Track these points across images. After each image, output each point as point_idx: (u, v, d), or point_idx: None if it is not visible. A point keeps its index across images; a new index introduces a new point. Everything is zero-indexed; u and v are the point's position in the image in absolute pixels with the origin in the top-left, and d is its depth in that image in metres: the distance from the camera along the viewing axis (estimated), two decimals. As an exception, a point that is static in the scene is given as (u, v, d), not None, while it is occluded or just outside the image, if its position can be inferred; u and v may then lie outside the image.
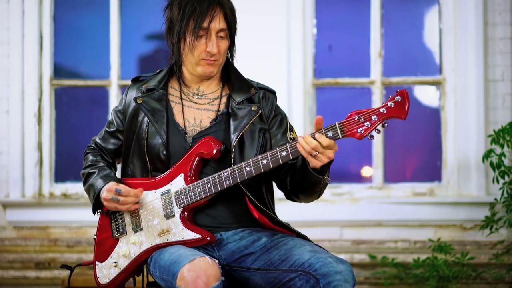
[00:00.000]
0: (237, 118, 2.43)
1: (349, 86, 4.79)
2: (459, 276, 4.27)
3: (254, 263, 2.37)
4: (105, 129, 2.64)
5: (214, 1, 2.40)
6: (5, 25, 4.70)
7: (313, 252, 2.26)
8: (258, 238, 2.42)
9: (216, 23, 2.40)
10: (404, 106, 2.20)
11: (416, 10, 4.81)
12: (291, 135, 2.49)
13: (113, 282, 2.49)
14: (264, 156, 2.29)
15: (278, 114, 2.52)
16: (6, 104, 4.70)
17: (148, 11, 4.90)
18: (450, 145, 4.61)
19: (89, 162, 2.60)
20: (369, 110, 2.22)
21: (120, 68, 4.82)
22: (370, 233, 4.60)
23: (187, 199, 2.37)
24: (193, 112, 2.49)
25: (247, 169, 2.30)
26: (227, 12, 2.41)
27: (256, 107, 2.45)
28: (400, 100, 2.20)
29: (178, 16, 2.42)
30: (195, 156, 2.39)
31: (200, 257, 2.20)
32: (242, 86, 2.50)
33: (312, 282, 2.21)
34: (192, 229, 2.37)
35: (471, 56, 4.54)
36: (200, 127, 2.46)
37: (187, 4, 2.41)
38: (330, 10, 4.80)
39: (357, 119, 2.22)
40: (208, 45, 2.40)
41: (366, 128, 2.21)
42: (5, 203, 4.70)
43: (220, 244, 2.43)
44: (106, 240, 2.51)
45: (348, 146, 4.87)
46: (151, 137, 2.46)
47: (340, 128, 2.24)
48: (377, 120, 2.21)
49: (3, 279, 4.69)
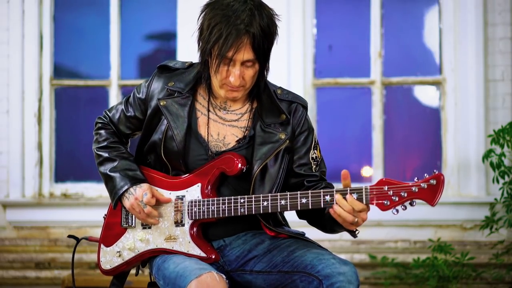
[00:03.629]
0: (262, 144, 2.34)
1: (349, 86, 4.79)
2: (459, 276, 4.27)
3: (257, 266, 2.35)
4: (123, 108, 2.51)
5: (242, 30, 2.19)
6: (5, 25, 4.70)
7: (316, 253, 2.24)
8: (261, 240, 2.39)
9: (241, 54, 2.22)
10: (437, 192, 2.09)
11: (416, 10, 4.81)
12: (314, 154, 2.42)
13: (115, 270, 2.47)
14: (283, 197, 2.22)
15: (305, 130, 2.41)
16: (6, 104, 4.70)
17: (148, 11, 4.90)
18: (450, 145, 4.61)
19: (106, 143, 2.49)
20: (401, 185, 2.11)
21: (120, 68, 4.82)
22: (370, 233, 4.59)
23: (199, 214, 2.32)
24: (217, 126, 2.39)
25: (264, 203, 2.24)
26: (256, 40, 2.22)
27: (284, 136, 2.35)
28: (435, 185, 2.09)
29: (205, 34, 2.24)
30: (216, 170, 2.33)
31: (207, 273, 2.16)
32: (273, 108, 2.38)
33: (315, 284, 2.18)
34: (199, 245, 2.33)
35: (471, 56, 4.54)
36: (223, 143, 2.38)
37: (215, 26, 2.21)
38: (330, 10, 4.79)
39: (386, 190, 2.12)
40: (230, 76, 2.26)
41: (392, 203, 2.12)
42: (5, 203, 4.70)
43: (224, 251, 2.40)
44: (114, 226, 2.47)
45: (348, 146, 4.87)
46: (168, 142, 2.38)
47: (366, 194, 2.14)
48: (406, 197, 2.11)
49: (3, 279, 4.69)
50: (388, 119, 4.72)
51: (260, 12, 2.26)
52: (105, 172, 2.44)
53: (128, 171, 2.41)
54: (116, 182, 2.40)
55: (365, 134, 4.74)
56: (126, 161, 2.45)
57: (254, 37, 2.22)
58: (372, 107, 4.71)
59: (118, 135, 2.53)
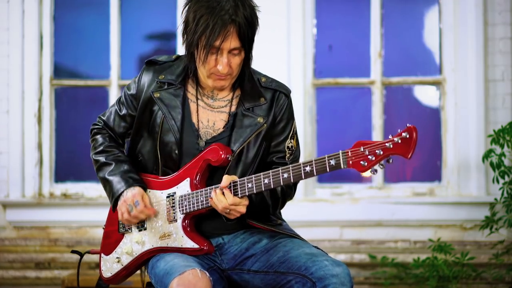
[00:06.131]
0: (241, 127, 2.39)
1: (349, 86, 4.79)
2: (459, 276, 4.27)
3: (254, 265, 2.37)
4: (116, 108, 2.56)
5: (228, 20, 2.27)
6: (5, 25, 4.70)
7: (310, 254, 2.26)
8: (259, 239, 2.42)
9: (228, 42, 2.29)
10: (410, 145, 2.09)
11: (416, 10, 4.81)
12: (290, 143, 2.45)
13: (115, 277, 2.50)
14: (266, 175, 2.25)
15: (285, 118, 2.45)
16: (6, 104, 4.70)
17: (148, 11, 4.90)
18: (450, 145, 4.61)
19: (102, 147, 2.53)
20: (375, 143, 2.11)
21: (120, 68, 4.82)
22: (370, 233, 4.60)
23: (189, 206, 2.36)
24: (206, 113, 2.44)
25: (249, 185, 2.26)
26: (242, 29, 2.30)
27: (262, 120, 2.40)
28: (408, 138, 2.10)
29: (192, 26, 2.30)
30: (202, 162, 2.36)
31: (190, 270, 2.20)
32: (253, 93, 2.44)
33: (309, 285, 2.21)
34: (192, 237, 2.36)
35: (471, 56, 4.54)
36: (213, 129, 2.42)
37: (201, 17, 2.28)
38: (330, 10, 4.80)
39: (361, 151, 2.12)
40: (218, 64, 2.32)
41: (370, 162, 2.11)
42: (5, 203, 4.70)
43: (222, 249, 2.43)
44: (112, 234, 2.51)
45: (348, 146, 4.86)
46: (165, 134, 2.42)
47: (344, 157, 2.15)
48: (381, 155, 2.10)
49: (3, 279, 4.69)
50: (388, 119, 4.72)
51: (243, 3, 2.32)
52: (103, 177, 2.49)
53: (124, 174, 2.45)
54: (113, 185, 2.45)
55: (365, 134, 4.74)
56: (123, 164, 2.48)
57: (240, 26, 2.29)
58: (372, 107, 4.71)
59: (114, 137, 2.57)
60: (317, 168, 2.18)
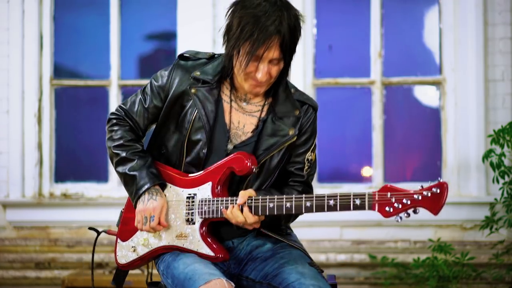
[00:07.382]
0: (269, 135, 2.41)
1: (349, 86, 4.80)
2: (459, 276, 4.28)
3: (252, 273, 2.39)
4: (140, 98, 2.52)
5: (274, 30, 2.27)
6: (5, 25, 4.71)
7: (300, 274, 2.27)
8: (263, 243, 2.45)
9: (271, 52, 2.29)
10: (440, 201, 2.07)
11: (416, 10, 4.81)
12: (310, 156, 2.47)
13: (130, 264, 2.51)
14: (289, 199, 2.26)
15: (310, 131, 2.47)
16: (6, 104, 4.70)
17: (148, 11, 4.90)
18: (450, 145, 4.61)
19: (121, 141, 2.50)
20: (403, 192, 2.11)
21: (120, 68, 4.82)
22: (370, 233, 4.60)
23: (209, 213, 2.37)
24: (238, 115, 2.45)
25: (270, 205, 2.28)
26: (285, 40, 2.29)
27: (293, 132, 2.42)
28: (438, 193, 2.07)
29: (236, 31, 2.30)
30: (226, 169, 2.37)
31: (216, 279, 2.20)
32: (287, 103, 2.44)
33: None
34: (208, 244, 2.37)
35: (471, 56, 4.54)
36: (242, 131, 2.43)
37: (246, 24, 2.28)
38: (330, 10, 4.80)
39: (388, 197, 2.12)
40: (258, 72, 2.32)
41: (395, 210, 2.12)
42: (5, 203, 4.70)
43: (231, 252, 2.45)
44: (130, 221, 2.50)
45: (348, 146, 4.87)
46: (195, 131, 2.42)
47: (369, 200, 2.16)
48: (408, 205, 2.10)
49: (3, 279, 4.69)
50: (388, 119, 4.73)
51: (289, 13, 2.31)
52: (124, 172, 2.47)
53: (147, 170, 2.44)
54: (136, 181, 2.43)
55: (365, 134, 4.74)
56: (144, 159, 2.47)
57: (284, 37, 2.29)
58: (372, 107, 4.71)
59: (135, 129, 2.54)
60: (341, 204, 2.19)
